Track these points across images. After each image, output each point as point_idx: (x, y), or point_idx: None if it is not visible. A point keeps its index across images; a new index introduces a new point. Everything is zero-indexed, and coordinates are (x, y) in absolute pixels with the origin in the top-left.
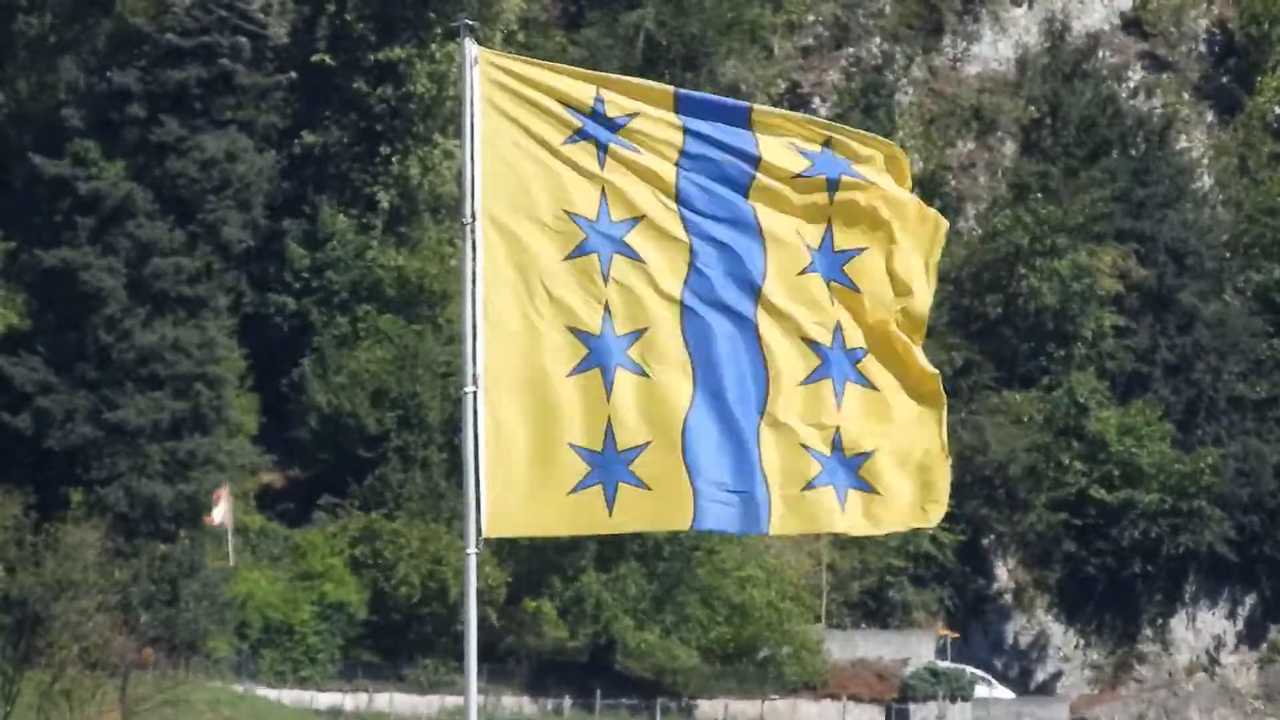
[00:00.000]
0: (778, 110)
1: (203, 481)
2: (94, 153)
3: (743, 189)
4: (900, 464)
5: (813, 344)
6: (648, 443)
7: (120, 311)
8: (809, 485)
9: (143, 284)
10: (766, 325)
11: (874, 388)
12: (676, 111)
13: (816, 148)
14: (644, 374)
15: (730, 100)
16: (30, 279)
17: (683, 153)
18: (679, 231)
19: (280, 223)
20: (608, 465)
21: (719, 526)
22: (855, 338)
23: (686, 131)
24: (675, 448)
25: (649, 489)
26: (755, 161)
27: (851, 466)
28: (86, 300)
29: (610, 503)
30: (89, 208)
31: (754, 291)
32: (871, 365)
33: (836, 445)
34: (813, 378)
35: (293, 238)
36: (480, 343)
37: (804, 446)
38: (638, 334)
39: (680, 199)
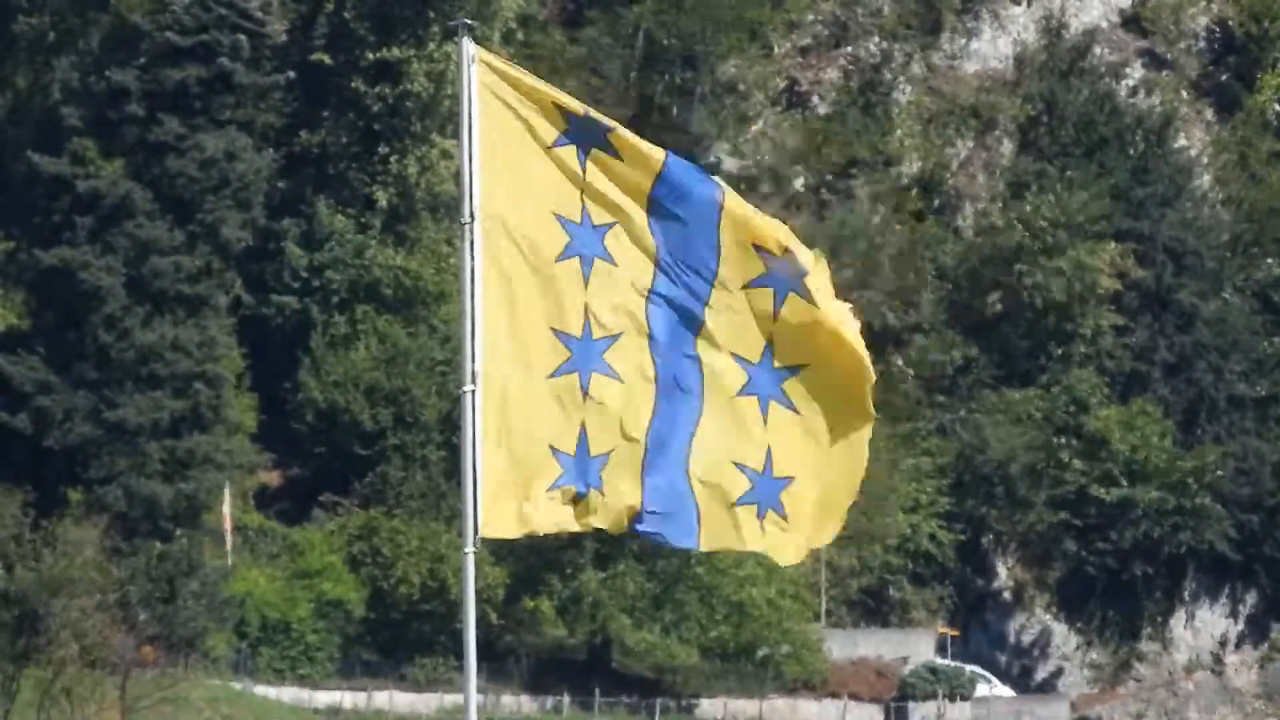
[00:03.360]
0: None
1: (202, 480)
2: (92, 151)
3: (713, 209)
4: (811, 496)
5: (740, 359)
6: (615, 449)
7: (119, 310)
8: (736, 502)
9: (142, 283)
10: (707, 338)
11: (795, 411)
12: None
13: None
14: (618, 379)
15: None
16: (29, 278)
17: (660, 174)
18: (648, 238)
19: (279, 222)
20: (581, 468)
21: (654, 537)
22: (789, 355)
23: (664, 163)
24: (638, 456)
25: (604, 495)
26: (721, 202)
27: (776, 488)
28: (85, 299)
29: (580, 505)
30: (88, 206)
31: (703, 300)
32: (798, 386)
33: (768, 463)
34: (743, 392)
35: (291, 237)
36: (479, 342)
37: (735, 463)
38: (613, 339)
39: (651, 206)
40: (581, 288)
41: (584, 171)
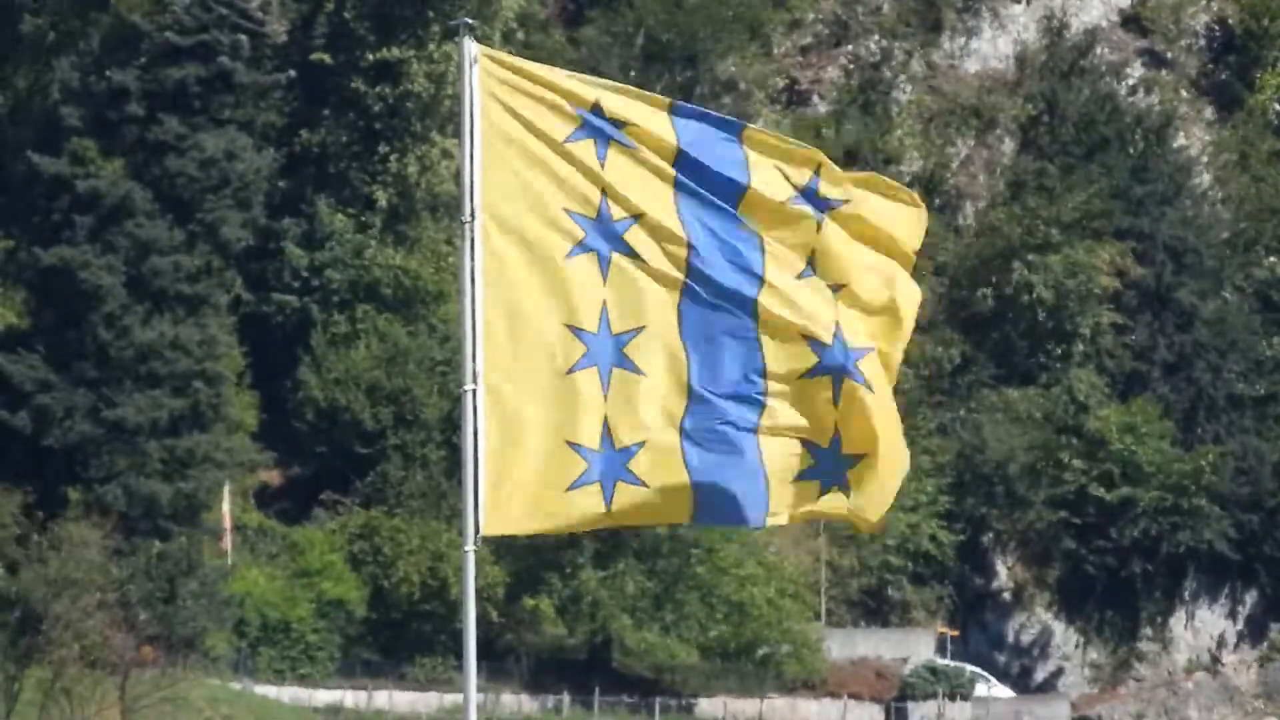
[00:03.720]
0: (770, 132)
1: (201, 479)
2: (92, 151)
3: (733, 201)
4: (882, 469)
5: (812, 340)
6: (644, 441)
7: (119, 309)
8: (799, 477)
9: (142, 282)
10: (767, 317)
11: (870, 388)
12: (671, 114)
13: (806, 176)
14: (639, 372)
15: (724, 117)
16: (29, 277)
17: (678, 153)
18: (677, 229)
19: (279, 221)
20: (605, 463)
21: (718, 521)
22: (858, 337)
23: (680, 138)
24: (674, 447)
25: (646, 486)
26: (745, 185)
27: (845, 465)
28: (85, 298)
29: (609, 500)
30: (87, 206)
31: (757, 281)
32: (872, 364)
33: (835, 441)
34: (813, 373)
35: (291, 236)
36: (479, 341)
37: (801, 440)
38: (634, 332)
39: (678, 195)
40: (599, 283)
41: (603, 166)
